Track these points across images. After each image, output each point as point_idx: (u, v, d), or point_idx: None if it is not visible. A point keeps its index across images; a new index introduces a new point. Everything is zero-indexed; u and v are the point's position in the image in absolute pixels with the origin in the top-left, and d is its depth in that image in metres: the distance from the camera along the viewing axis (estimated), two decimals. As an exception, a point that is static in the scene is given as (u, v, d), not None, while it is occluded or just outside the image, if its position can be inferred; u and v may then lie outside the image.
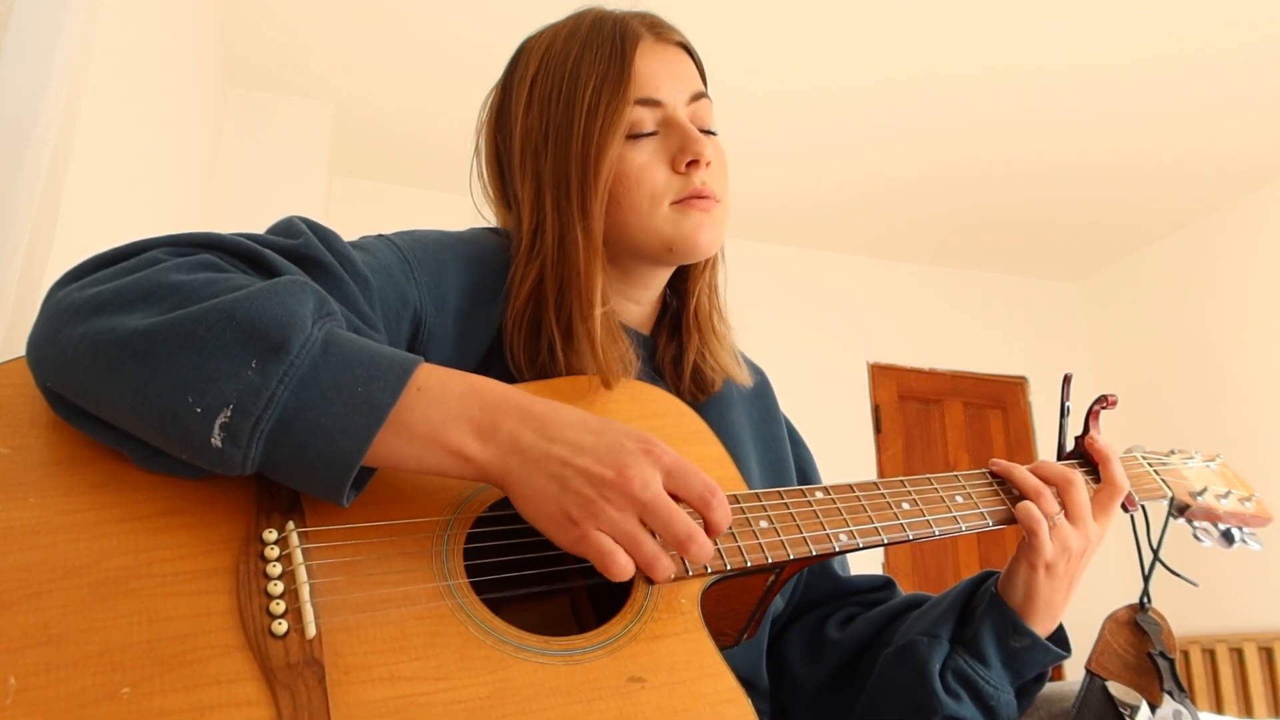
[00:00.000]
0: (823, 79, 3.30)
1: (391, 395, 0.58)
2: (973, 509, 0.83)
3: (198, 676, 0.52)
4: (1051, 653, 0.84)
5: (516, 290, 0.83)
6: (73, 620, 0.52)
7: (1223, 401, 4.01)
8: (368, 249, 0.76)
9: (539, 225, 0.84)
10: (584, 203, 0.82)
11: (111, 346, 0.56)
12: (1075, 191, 3.99)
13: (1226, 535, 0.98)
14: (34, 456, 0.58)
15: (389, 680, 0.55)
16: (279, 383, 0.55)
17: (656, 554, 0.62)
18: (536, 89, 0.87)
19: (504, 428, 0.61)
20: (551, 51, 0.88)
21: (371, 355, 0.59)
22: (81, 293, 0.59)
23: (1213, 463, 1.04)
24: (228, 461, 0.56)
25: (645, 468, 0.61)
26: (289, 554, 0.58)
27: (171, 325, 0.56)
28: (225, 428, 0.55)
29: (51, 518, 0.55)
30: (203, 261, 0.62)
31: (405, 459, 0.60)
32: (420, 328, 0.77)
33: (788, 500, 0.76)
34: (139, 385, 0.55)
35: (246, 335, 0.56)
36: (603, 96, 0.83)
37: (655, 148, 0.85)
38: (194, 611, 0.54)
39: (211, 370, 0.55)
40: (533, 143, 0.86)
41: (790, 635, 0.97)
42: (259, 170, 3.24)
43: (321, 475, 0.57)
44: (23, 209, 0.97)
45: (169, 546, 0.56)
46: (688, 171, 0.85)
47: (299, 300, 0.59)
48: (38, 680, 0.49)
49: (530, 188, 0.86)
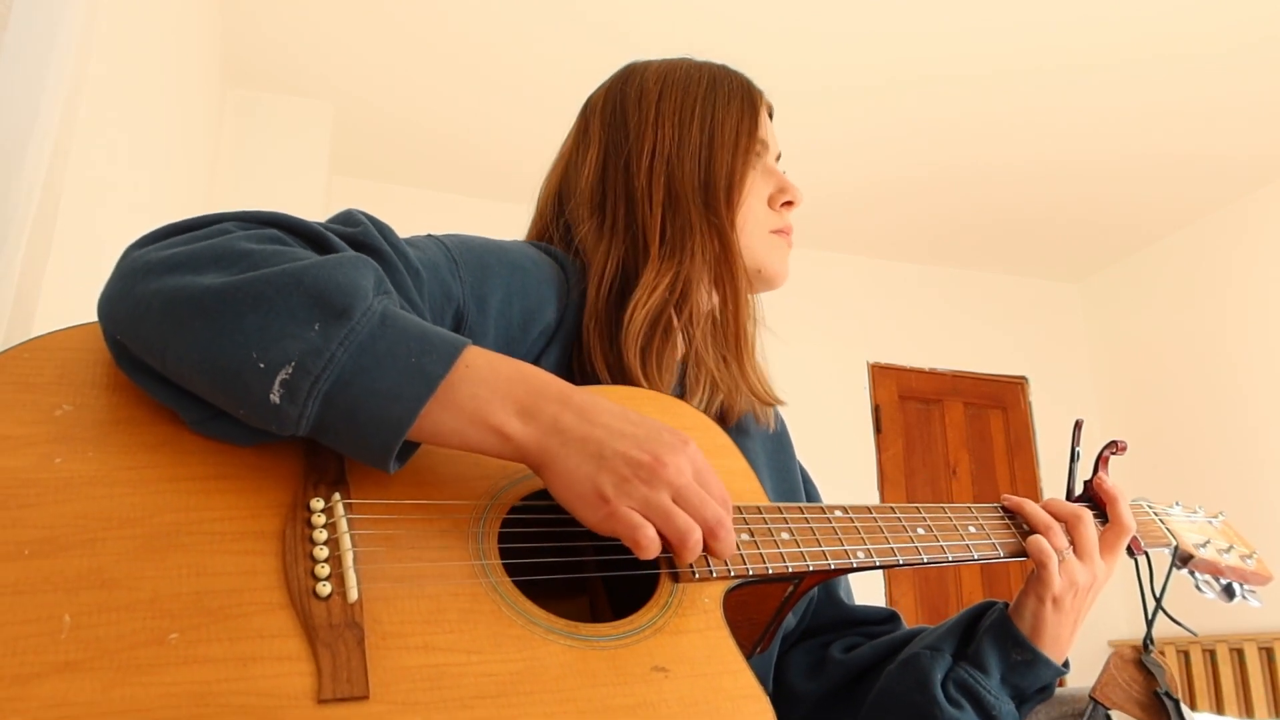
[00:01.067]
0: (823, 79, 3.30)
1: (443, 368, 0.60)
2: (985, 539, 0.86)
3: (243, 629, 0.54)
4: (1052, 668, 0.86)
5: (649, 288, 0.88)
6: (126, 567, 0.54)
7: (1223, 401, 4.01)
8: (417, 245, 0.80)
9: (676, 230, 0.91)
10: (731, 219, 0.93)
11: (184, 302, 0.58)
12: (1075, 191, 3.99)
13: (1228, 590, 1.01)
14: (95, 415, 0.60)
15: (424, 649, 0.57)
16: (339, 345, 0.58)
17: (689, 527, 0.63)
18: (665, 105, 0.95)
19: (546, 410, 0.63)
20: (674, 77, 0.97)
21: (425, 331, 0.62)
22: (157, 253, 0.62)
23: (1215, 519, 1.07)
24: (284, 418, 0.58)
25: (680, 457, 0.64)
26: (334, 522, 0.60)
27: (242, 285, 0.59)
28: (285, 384, 0.57)
29: (109, 472, 0.58)
30: (270, 235, 0.65)
31: (449, 433, 0.62)
32: (462, 323, 0.79)
33: (808, 516, 0.79)
34: (207, 340, 0.58)
35: (312, 300, 0.59)
36: (742, 131, 0.95)
37: (759, 183, 0.97)
38: (241, 569, 0.56)
39: (277, 330, 0.58)
40: (665, 156, 0.93)
41: (793, 654, 0.99)
42: (259, 170, 3.24)
43: (371, 439, 0.59)
44: (21, 209, 0.97)
45: (219, 508, 0.59)
46: (783, 210, 0.99)
47: (361, 273, 0.62)
48: (91, 620, 0.52)
49: (662, 194, 0.92)
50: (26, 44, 1.00)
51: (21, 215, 0.96)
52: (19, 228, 0.96)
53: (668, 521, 0.63)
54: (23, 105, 0.99)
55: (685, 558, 0.64)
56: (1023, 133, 3.59)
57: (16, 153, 0.97)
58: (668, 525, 0.63)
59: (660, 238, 0.90)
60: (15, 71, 0.99)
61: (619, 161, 0.94)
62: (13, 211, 0.95)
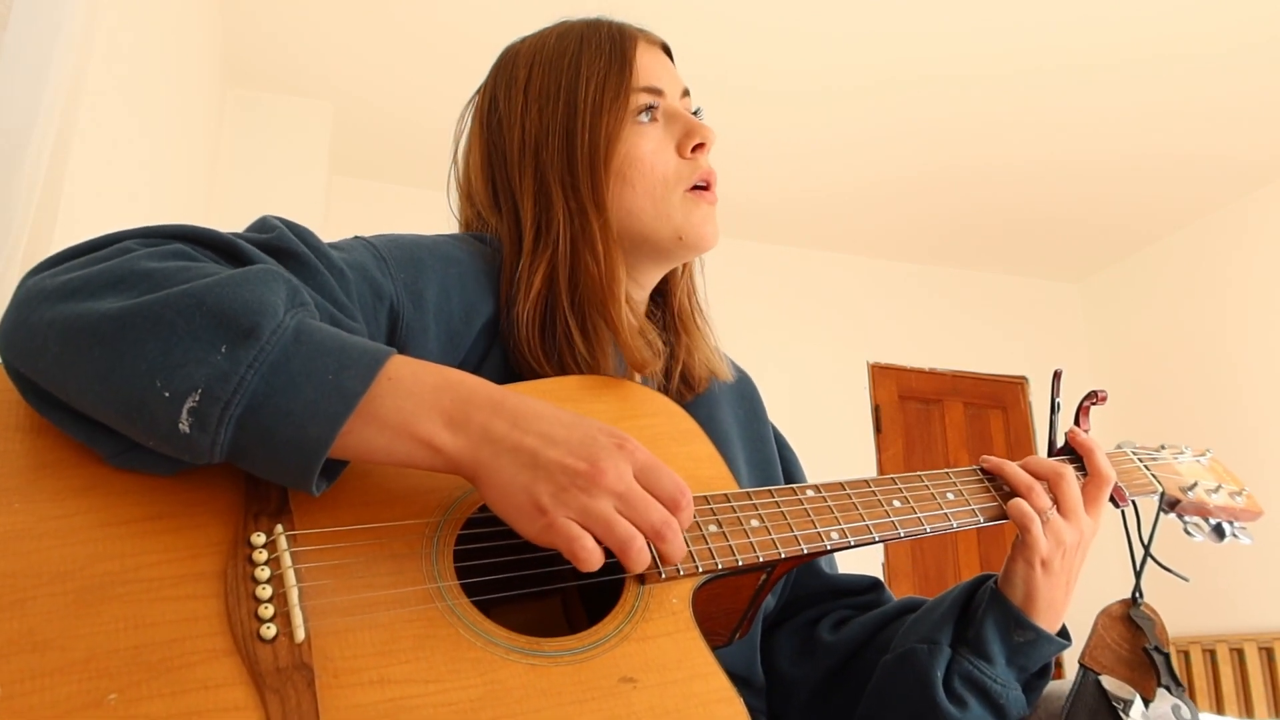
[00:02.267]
0: (823, 79, 3.30)
1: (362, 384, 0.57)
2: (964, 506, 0.83)
3: (185, 681, 0.51)
4: (1055, 643, 0.84)
5: (526, 286, 0.83)
6: (58, 626, 0.51)
7: (1223, 401, 4.01)
8: (342, 247, 0.77)
9: (544, 220, 0.86)
10: (596, 191, 0.85)
11: (80, 331, 0.55)
12: (1075, 191, 3.99)
13: (1217, 530, 0.98)
14: (18, 461, 0.57)
15: (379, 683, 0.55)
16: (248, 368, 0.55)
17: (630, 535, 0.61)
18: (533, 88, 0.89)
19: (475, 419, 0.60)
20: (543, 53, 0.91)
21: (343, 344, 0.59)
22: (53, 280, 0.59)
23: (1203, 457, 1.04)
24: (195, 448, 0.55)
25: (618, 461, 0.61)
26: (277, 557, 0.57)
27: (141, 309, 0.56)
28: (193, 413, 0.54)
29: (36, 523, 0.55)
30: (175, 251, 0.62)
31: (375, 450, 0.59)
32: (398, 322, 0.76)
33: (779, 499, 0.76)
34: (107, 369, 0.55)
35: (216, 321, 0.56)
36: (607, 87, 0.87)
37: (660, 134, 0.89)
38: (181, 616, 0.54)
39: (180, 355, 0.55)
40: (532, 141, 0.88)
41: (780, 636, 0.97)
42: (259, 170, 3.24)
43: (290, 462, 0.56)
44: (21, 209, 0.97)
45: (156, 551, 0.56)
46: (694, 155, 0.89)
47: (270, 288, 0.59)
48: (23, 687, 0.49)
49: (531, 184, 0.87)
50: (26, 44, 1.00)
51: (21, 215, 0.96)
52: (19, 227, 0.95)
53: (608, 531, 0.60)
54: (23, 105, 0.99)
55: (632, 567, 0.62)
56: (1023, 133, 3.59)
57: (16, 152, 0.97)
58: (608, 535, 0.60)
59: (534, 229, 0.86)
60: (15, 71, 0.99)
61: (500, 157, 0.91)
62: (13, 211, 0.95)
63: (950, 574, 4.14)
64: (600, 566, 0.61)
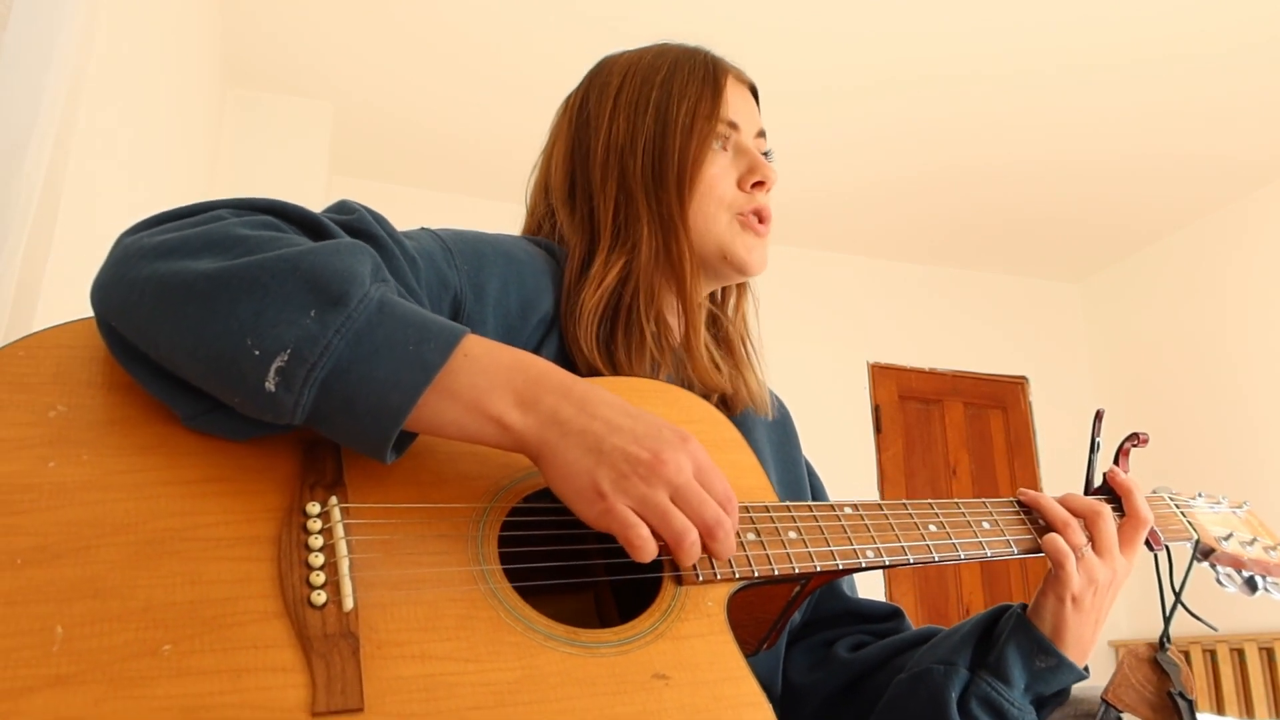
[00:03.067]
0: (823, 79, 3.30)
1: (441, 356, 0.59)
2: (999, 536, 0.84)
3: (236, 639, 0.53)
4: (1075, 672, 0.84)
5: (599, 278, 0.87)
6: (119, 576, 0.53)
7: (1223, 401, 4.00)
8: (411, 236, 0.79)
9: (625, 222, 0.90)
10: (682, 208, 0.90)
11: (177, 287, 0.57)
12: (1075, 191, 3.99)
13: (1250, 582, 0.98)
14: (89, 416, 0.59)
15: (420, 658, 0.56)
16: (336, 333, 0.57)
17: (685, 528, 0.62)
18: (623, 98, 0.94)
19: (545, 400, 0.62)
20: (638, 67, 0.96)
21: (423, 319, 0.61)
22: (151, 238, 0.61)
23: (1239, 509, 1.04)
24: (279, 407, 0.57)
25: (679, 454, 0.62)
26: (330, 528, 0.59)
27: (237, 270, 0.58)
28: (281, 372, 0.56)
29: (103, 476, 0.57)
30: (265, 222, 0.65)
31: (446, 423, 0.61)
32: (460, 311, 0.79)
33: (817, 514, 0.77)
34: (200, 326, 0.57)
35: (308, 285, 0.58)
36: (699, 112, 0.92)
37: (727, 163, 0.95)
38: (235, 577, 0.56)
39: (272, 316, 0.57)
40: (618, 147, 0.93)
41: (796, 651, 0.97)
42: (259, 170, 3.24)
43: (368, 428, 0.58)
44: (21, 209, 0.97)
45: (214, 512, 0.58)
46: (753, 191, 0.95)
47: (359, 260, 0.61)
48: (84, 631, 0.51)
49: (614, 187, 0.92)
50: (26, 44, 1.00)
51: (21, 215, 0.96)
52: (19, 227, 0.96)
53: (664, 522, 0.62)
54: (23, 105, 0.99)
55: (683, 560, 0.63)
56: (1023, 133, 3.59)
57: (16, 153, 0.97)
58: (664, 525, 0.62)
59: (613, 228, 0.90)
60: (15, 71, 0.99)
61: (582, 155, 0.95)
62: (13, 211, 0.95)
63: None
64: (654, 557, 0.62)
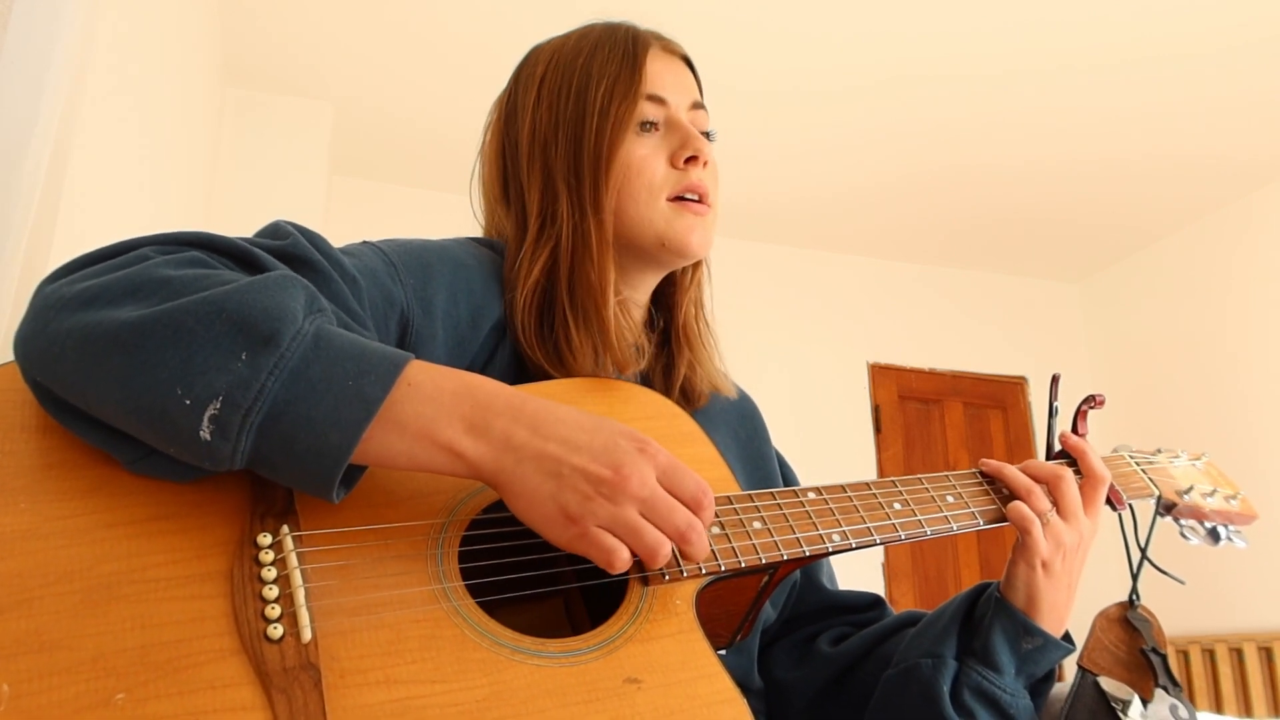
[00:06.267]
0: (823, 79, 3.30)
1: (382, 389, 0.57)
2: (964, 508, 0.84)
3: (193, 681, 0.51)
4: (1061, 648, 0.84)
5: (526, 274, 0.85)
6: (66, 626, 0.51)
7: (1222, 401, 4.01)
8: (352, 253, 0.77)
9: (548, 212, 0.87)
10: (596, 193, 0.86)
11: (100, 339, 0.55)
12: (1075, 191, 3.99)
13: (1213, 533, 0.99)
14: (25, 461, 0.57)
15: (385, 684, 0.55)
16: (269, 374, 0.55)
17: (659, 542, 0.62)
18: (546, 86, 0.91)
19: (496, 425, 0.60)
20: (562, 53, 0.92)
21: (363, 349, 0.59)
22: (70, 287, 0.58)
23: (1198, 461, 1.05)
24: (216, 455, 0.55)
25: (641, 466, 0.61)
26: (284, 558, 0.58)
27: (160, 317, 0.55)
28: (214, 420, 0.54)
29: (43, 523, 0.55)
30: (192, 258, 0.62)
31: (396, 455, 0.59)
32: (408, 328, 0.77)
33: (780, 501, 0.77)
34: (127, 378, 0.55)
35: (236, 327, 0.56)
36: (615, 93, 0.88)
37: (656, 143, 0.90)
38: (188, 616, 0.54)
39: (201, 362, 0.55)
40: (541, 135, 0.89)
41: (778, 649, 0.97)
42: (259, 170, 3.24)
43: (311, 470, 0.56)
44: (21, 209, 0.97)
45: (162, 551, 0.56)
46: (686, 168, 0.89)
47: (289, 294, 0.59)
48: (31, 687, 0.49)
49: (538, 177, 0.89)
50: (26, 44, 1.01)
51: (21, 215, 0.96)
52: (19, 228, 0.96)
53: (637, 538, 0.61)
54: (23, 105, 0.99)
55: (656, 566, 0.63)
56: (1023, 133, 3.59)
57: (16, 153, 0.97)
58: (637, 542, 0.61)
59: (539, 219, 0.87)
60: (15, 71, 0.99)
61: (511, 148, 0.93)
62: (13, 211, 0.95)
63: (950, 575, 4.14)
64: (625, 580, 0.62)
